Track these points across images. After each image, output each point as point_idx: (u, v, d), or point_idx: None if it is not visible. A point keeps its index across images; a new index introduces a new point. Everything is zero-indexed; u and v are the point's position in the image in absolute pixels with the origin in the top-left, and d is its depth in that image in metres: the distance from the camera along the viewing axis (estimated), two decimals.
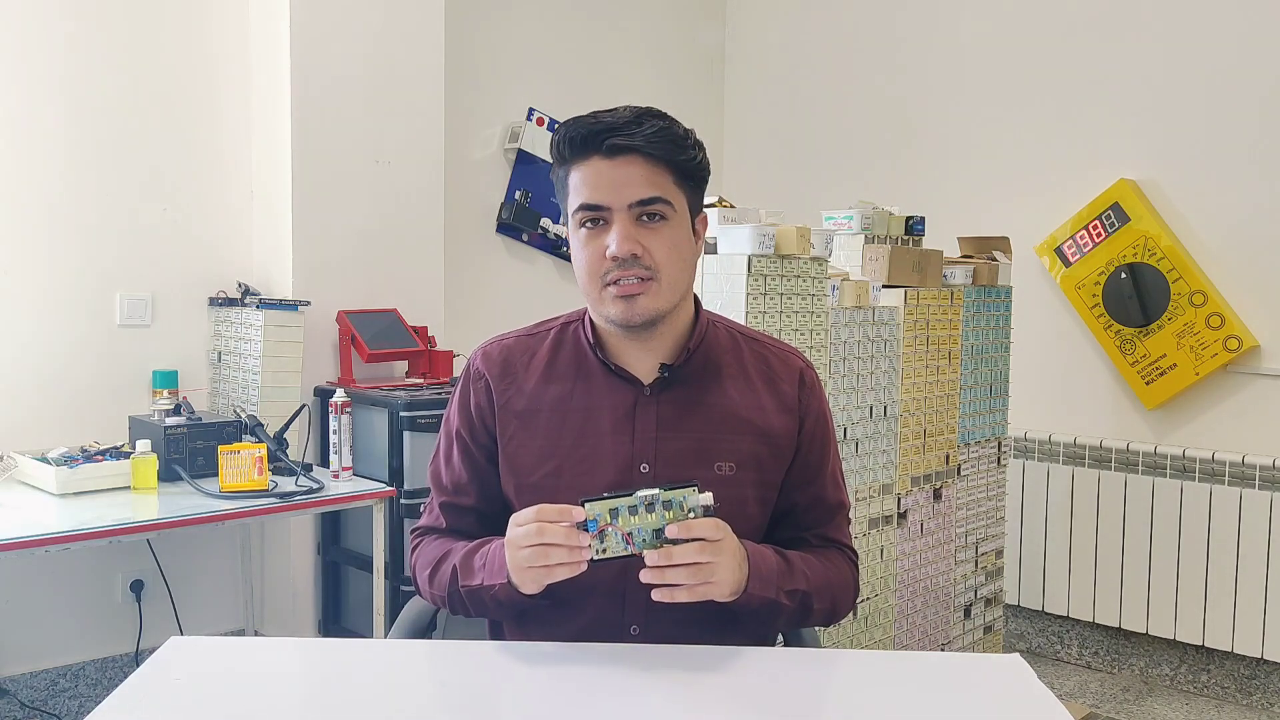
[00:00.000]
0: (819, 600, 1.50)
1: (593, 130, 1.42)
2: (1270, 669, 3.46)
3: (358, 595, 3.33)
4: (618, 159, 1.42)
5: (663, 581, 1.32)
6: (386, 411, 3.17)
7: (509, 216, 4.11)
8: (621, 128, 1.42)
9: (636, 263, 1.42)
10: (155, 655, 1.39)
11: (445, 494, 1.59)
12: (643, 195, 1.42)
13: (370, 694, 1.32)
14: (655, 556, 1.31)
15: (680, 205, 1.46)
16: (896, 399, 2.80)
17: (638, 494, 1.31)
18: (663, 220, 1.44)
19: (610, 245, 1.42)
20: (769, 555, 1.46)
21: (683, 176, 1.46)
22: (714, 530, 1.33)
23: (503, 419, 1.54)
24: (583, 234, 1.45)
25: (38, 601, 3.10)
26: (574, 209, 1.45)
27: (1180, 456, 3.57)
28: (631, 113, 1.44)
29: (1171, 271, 3.58)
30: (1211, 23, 3.56)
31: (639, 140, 1.42)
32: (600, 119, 1.44)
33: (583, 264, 1.46)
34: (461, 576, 1.47)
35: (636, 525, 1.31)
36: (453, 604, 1.51)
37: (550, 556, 1.31)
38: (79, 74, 3.11)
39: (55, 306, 3.10)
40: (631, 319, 1.44)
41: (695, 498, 1.33)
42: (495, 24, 4.11)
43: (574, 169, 1.45)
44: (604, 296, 1.45)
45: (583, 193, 1.43)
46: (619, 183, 1.42)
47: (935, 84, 4.22)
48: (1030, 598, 3.89)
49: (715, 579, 1.34)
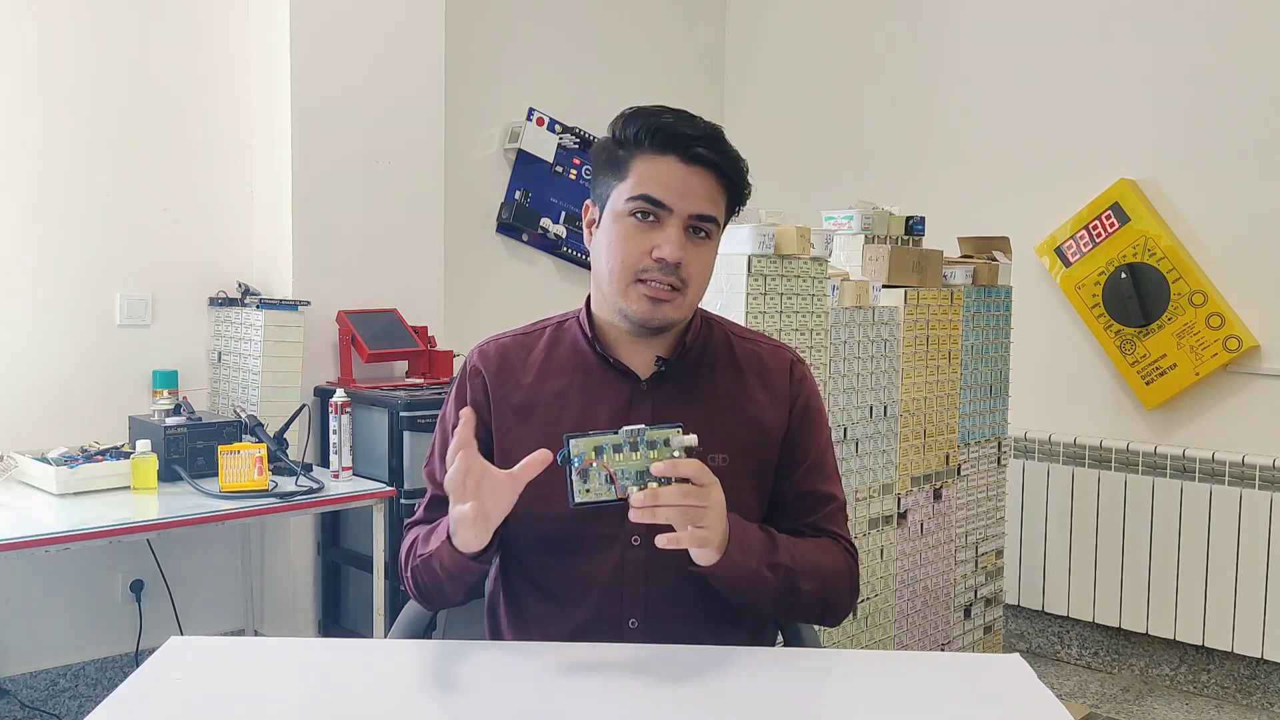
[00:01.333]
0: (806, 581, 1.47)
1: (682, 131, 1.44)
2: (1270, 669, 3.46)
3: (358, 595, 3.33)
4: (694, 167, 1.44)
5: (653, 520, 1.31)
6: (386, 411, 3.17)
7: (509, 216, 4.11)
8: (709, 140, 1.45)
9: (675, 271, 1.43)
10: (155, 655, 1.39)
11: (439, 490, 1.58)
12: (704, 210, 1.45)
13: (370, 694, 1.32)
14: (640, 496, 1.30)
15: (720, 229, 1.50)
16: (896, 399, 2.81)
17: (622, 430, 1.31)
18: (707, 239, 1.47)
19: (663, 247, 1.43)
20: (753, 529, 1.46)
21: (732, 203, 1.51)
22: (700, 472, 1.32)
23: (499, 414, 1.54)
24: (629, 223, 1.45)
25: (38, 601, 3.10)
26: (630, 195, 1.45)
27: (1180, 456, 3.57)
28: (709, 127, 1.46)
29: (1171, 271, 3.58)
30: (1212, 23, 3.56)
31: (721, 158, 1.45)
32: (686, 120, 1.46)
33: (619, 253, 1.45)
34: (420, 547, 1.49)
35: (622, 465, 1.31)
36: (416, 584, 1.51)
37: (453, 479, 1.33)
38: (79, 74, 3.11)
39: (55, 306, 3.10)
40: (651, 321, 1.46)
41: (679, 438, 1.33)
42: (495, 24, 4.11)
43: (644, 159, 1.45)
44: (630, 292, 1.45)
45: (650, 186, 1.44)
46: (689, 191, 1.44)
47: (935, 84, 4.22)
48: (1030, 598, 3.89)
49: (706, 522, 1.33)
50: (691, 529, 1.32)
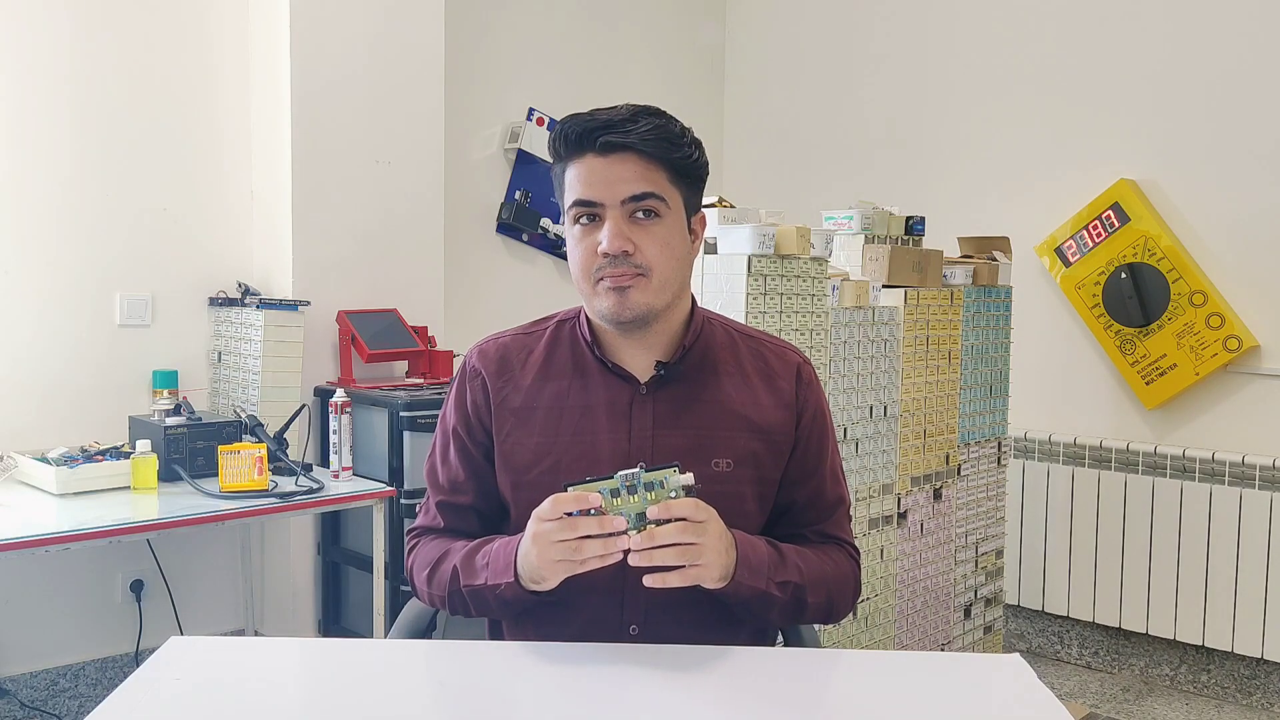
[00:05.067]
0: (813, 594, 1.48)
1: (588, 127, 1.44)
2: (1270, 669, 3.46)
3: (358, 595, 3.33)
4: (611, 156, 1.43)
5: (650, 564, 1.31)
6: (386, 411, 3.17)
7: (509, 216, 4.11)
8: (616, 125, 1.43)
9: (627, 260, 1.42)
10: (155, 655, 1.39)
11: (442, 493, 1.59)
12: (635, 191, 1.43)
13: (370, 694, 1.32)
14: (638, 539, 1.30)
15: (675, 203, 1.47)
16: (896, 399, 2.80)
17: (618, 475, 1.31)
18: (656, 218, 1.44)
19: (602, 241, 1.42)
20: (760, 545, 1.45)
21: (678, 174, 1.47)
22: (695, 510, 1.33)
23: (499, 416, 1.54)
24: (577, 230, 1.46)
25: (38, 601, 3.10)
26: (569, 205, 1.46)
27: (1180, 456, 3.57)
28: (628, 110, 1.45)
29: (1171, 271, 3.58)
30: (1212, 22, 3.56)
31: (633, 138, 1.43)
32: (596, 116, 1.45)
33: (576, 260, 1.47)
34: (463, 576, 1.47)
35: (620, 509, 1.31)
36: (452, 604, 1.50)
37: (584, 550, 1.31)
38: (79, 74, 3.11)
39: (55, 306, 3.10)
40: (622, 313, 1.44)
41: (676, 478, 1.33)
42: (495, 24, 4.11)
43: (570, 165, 1.46)
44: (596, 291, 1.45)
45: (577, 189, 1.45)
46: (612, 179, 1.43)
47: (935, 84, 4.22)
48: (1030, 598, 3.89)
49: (703, 560, 1.33)
50: (689, 567, 1.33)
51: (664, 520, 1.31)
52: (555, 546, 1.32)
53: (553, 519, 1.32)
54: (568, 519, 1.31)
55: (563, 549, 1.31)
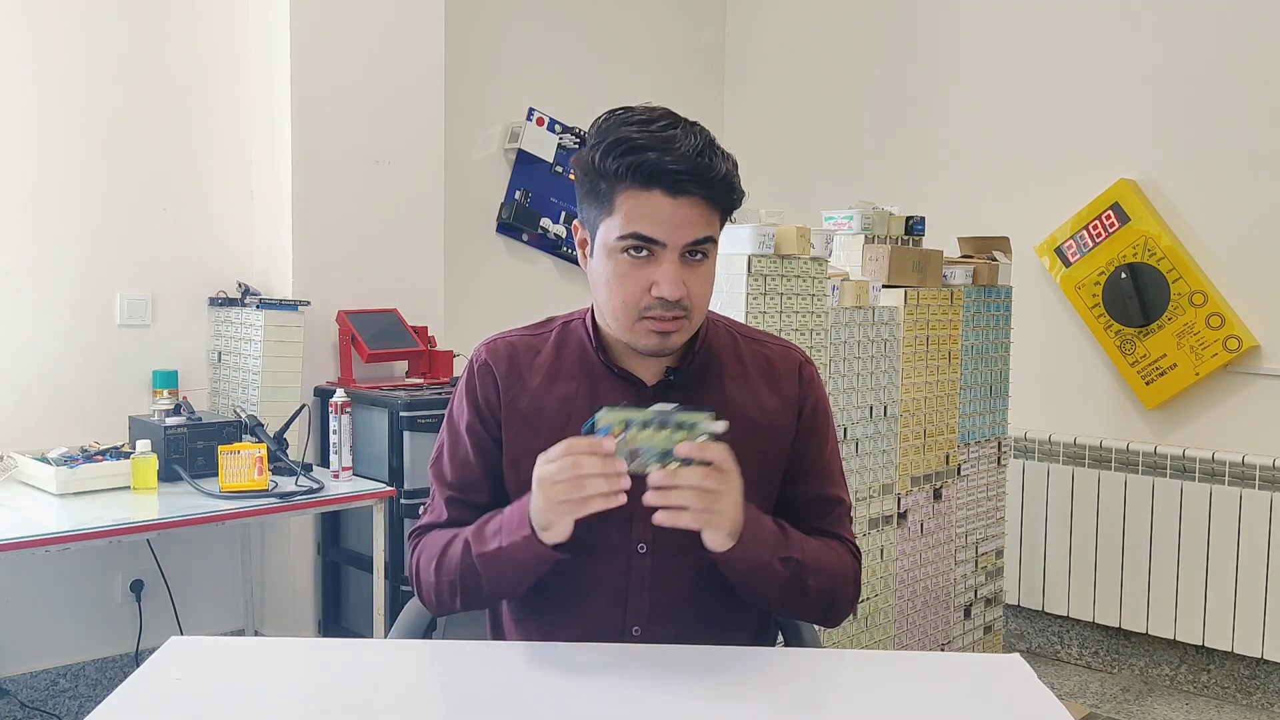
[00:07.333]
0: (814, 578, 1.47)
1: (663, 164, 1.36)
2: (1270, 669, 3.46)
3: (358, 595, 3.33)
4: (681, 199, 1.38)
5: (666, 503, 1.30)
6: (386, 411, 3.17)
7: (509, 216, 4.11)
8: (691, 171, 1.37)
9: (678, 304, 1.40)
10: (155, 655, 1.39)
11: (451, 490, 1.56)
12: (697, 236, 1.40)
13: (370, 694, 1.32)
14: (660, 475, 1.30)
15: (718, 240, 1.46)
16: (896, 399, 2.80)
17: (653, 408, 1.31)
18: (704, 259, 1.43)
19: (661, 286, 1.39)
20: (767, 520, 1.46)
21: (727, 215, 1.46)
22: (724, 457, 1.32)
23: (508, 416, 1.53)
24: (623, 260, 1.41)
25: (38, 601, 3.10)
26: (620, 233, 1.40)
27: (1180, 456, 3.57)
28: (694, 150, 1.37)
29: (1171, 271, 3.58)
30: (1212, 22, 3.56)
31: (707, 187, 1.39)
32: (666, 149, 1.36)
33: (618, 291, 1.42)
34: (475, 546, 1.45)
35: (646, 442, 1.30)
36: (464, 582, 1.47)
37: (586, 487, 1.30)
38: (80, 74, 3.11)
39: (56, 306, 3.10)
40: (662, 352, 1.45)
41: (708, 423, 1.32)
42: (495, 24, 4.11)
43: (629, 194, 1.39)
44: (638, 329, 1.42)
45: (638, 223, 1.39)
46: (679, 222, 1.39)
47: (935, 84, 4.22)
48: (1030, 598, 3.89)
49: (719, 508, 1.32)
50: (703, 511, 1.31)
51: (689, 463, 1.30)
52: (558, 486, 1.32)
53: (555, 460, 1.32)
54: (570, 459, 1.31)
55: (565, 488, 1.31)
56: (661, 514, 1.31)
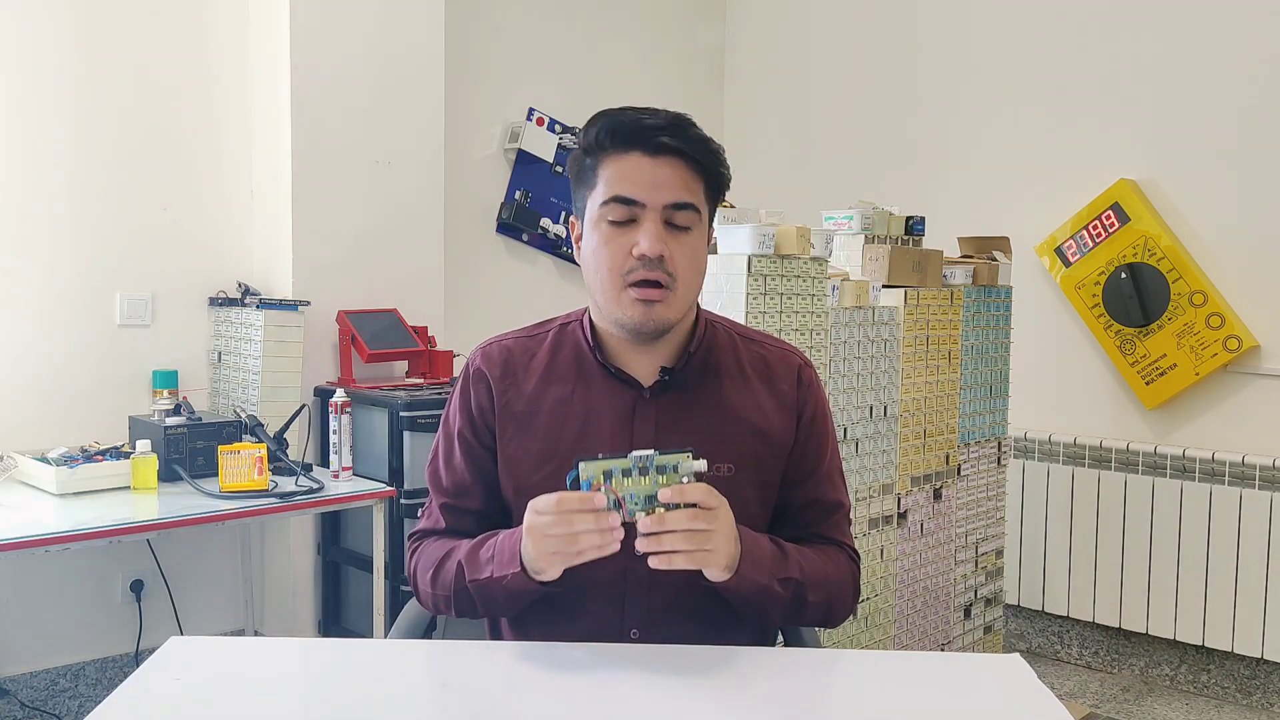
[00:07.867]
0: (814, 593, 1.47)
1: (640, 125, 1.41)
2: (1270, 669, 3.46)
3: (358, 595, 3.33)
4: (660, 158, 1.41)
5: (659, 549, 1.30)
6: (386, 411, 3.17)
7: (509, 216, 4.11)
8: (668, 128, 1.42)
9: (661, 265, 1.40)
10: (155, 655, 1.39)
11: (446, 496, 1.57)
12: (679, 198, 1.41)
13: (370, 694, 1.32)
14: (648, 522, 1.29)
15: (704, 216, 1.46)
16: (896, 399, 2.80)
17: (632, 455, 1.30)
18: (687, 230, 1.43)
19: (641, 243, 1.40)
20: (764, 541, 1.45)
21: (711, 188, 1.47)
22: (708, 496, 1.32)
23: (502, 420, 1.53)
24: (605, 229, 1.43)
25: (38, 601, 3.10)
26: (603, 200, 1.42)
27: (1180, 456, 3.57)
28: (671, 116, 1.43)
29: (1171, 271, 3.58)
30: (1211, 22, 3.56)
31: (686, 144, 1.41)
32: (645, 115, 1.43)
33: (604, 260, 1.43)
34: (468, 572, 1.45)
35: (630, 490, 1.30)
36: (458, 602, 1.48)
37: (580, 542, 1.30)
38: (80, 74, 3.11)
39: (55, 306, 3.10)
40: (645, 325, 1.43)
41: (689, 463, 1.31)
42: (495, 24, 4.11)
43: (610, 160, 1.43)
44: (623, 298, 1.43)
45: (619, 185, 1.41)
46: (658, 182, 1.41)
47: (936, 84, 4.22)
48: (1030, 598, 3.89)
49: (711, 546, 1.32)
50: (697, 551, 1.31)
51: (674, 506, 1.30)
52: (549, 540, 1.32)
53: (547, 513, 1.32)
54: (562, 514, 1.30)
55: (557, 542, 1.31)
56: (655, 559, 1.31)
